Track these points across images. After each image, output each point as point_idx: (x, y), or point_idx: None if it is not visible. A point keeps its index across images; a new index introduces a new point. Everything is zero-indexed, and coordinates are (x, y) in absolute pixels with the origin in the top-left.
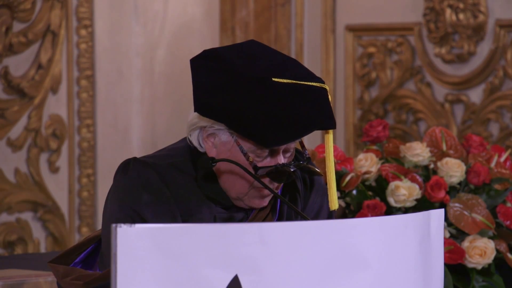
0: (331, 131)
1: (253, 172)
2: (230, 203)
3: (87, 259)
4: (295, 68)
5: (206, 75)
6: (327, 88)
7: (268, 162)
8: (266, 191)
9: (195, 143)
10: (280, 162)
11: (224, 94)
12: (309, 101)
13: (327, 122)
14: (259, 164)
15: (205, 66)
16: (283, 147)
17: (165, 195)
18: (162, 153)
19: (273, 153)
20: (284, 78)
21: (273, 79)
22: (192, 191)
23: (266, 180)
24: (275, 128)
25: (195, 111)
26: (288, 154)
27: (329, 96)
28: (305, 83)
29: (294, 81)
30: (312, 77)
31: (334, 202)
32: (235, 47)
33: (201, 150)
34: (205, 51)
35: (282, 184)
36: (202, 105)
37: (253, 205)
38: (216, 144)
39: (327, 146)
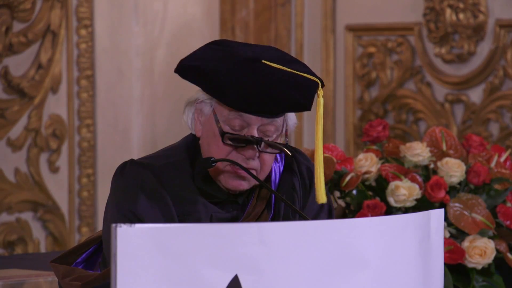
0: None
1: (221, 140)
2: (225, 197)
3: (88, 259)
4: (298, 65)
5: (201, 51)
6: (319, 83)
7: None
8: (240, 171)
9: (189, 123)
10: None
11: (210, 62)
12: (292, 84)
13: (302, 103)
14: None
15: (206, 46)
16: (257, 123)
17: (161, 195)
18: (160, 153)
19: (248, 129)
20: (276, 64)
21: (263, 61)
22: (189, 190)
23: (233, 153)
24: (248, 95)
25: (174, 71)
26: (266, 139)
27: (320, 91)
28: (296, 72)
29: (286, 69)
30: (308, 72)
31: (322, 194)
32: (248, 43)
33: (192, 131)
34: (214, 40)
35: (267, 173)
36: (183, 66)
37: (230, 187)
38: (202, 120)
39: (316, 137)
